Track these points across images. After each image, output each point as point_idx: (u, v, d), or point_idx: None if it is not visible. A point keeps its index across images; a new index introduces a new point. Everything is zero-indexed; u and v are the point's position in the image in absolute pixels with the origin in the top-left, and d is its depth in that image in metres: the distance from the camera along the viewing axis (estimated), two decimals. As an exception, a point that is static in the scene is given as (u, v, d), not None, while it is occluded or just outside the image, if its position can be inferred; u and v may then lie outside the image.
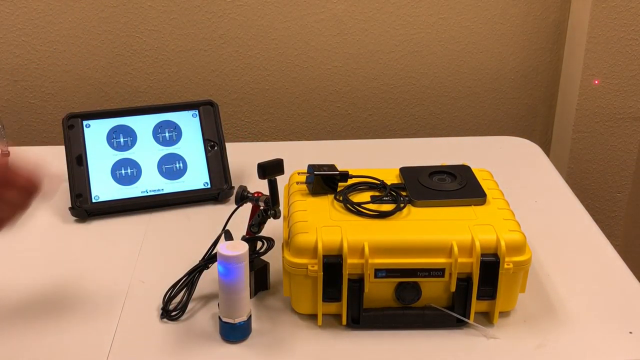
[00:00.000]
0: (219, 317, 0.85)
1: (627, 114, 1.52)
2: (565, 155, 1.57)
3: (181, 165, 1.18)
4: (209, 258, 0.94)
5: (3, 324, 0.89)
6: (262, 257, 0.93)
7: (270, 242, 0.93)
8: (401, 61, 1.56)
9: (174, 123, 1.19)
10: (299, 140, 1.61)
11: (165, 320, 0.90)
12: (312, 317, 0.89)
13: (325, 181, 0.94)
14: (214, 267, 0.87)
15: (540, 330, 0.88)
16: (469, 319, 0.87)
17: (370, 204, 0.90)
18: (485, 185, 0.96)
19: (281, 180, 0.90)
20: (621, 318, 0.90)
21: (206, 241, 0.95)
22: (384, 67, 1.57)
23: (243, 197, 0.93)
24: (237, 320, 0.84)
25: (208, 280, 0.94)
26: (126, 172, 1.16)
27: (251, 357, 0.84)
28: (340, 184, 0.95)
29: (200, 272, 0.94)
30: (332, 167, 0.95)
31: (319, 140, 1.59)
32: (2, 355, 0.84)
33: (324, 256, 0.84)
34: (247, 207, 0.94)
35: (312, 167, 0.95)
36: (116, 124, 1.17)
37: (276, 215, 0.91)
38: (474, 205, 0.92)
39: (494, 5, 1.52)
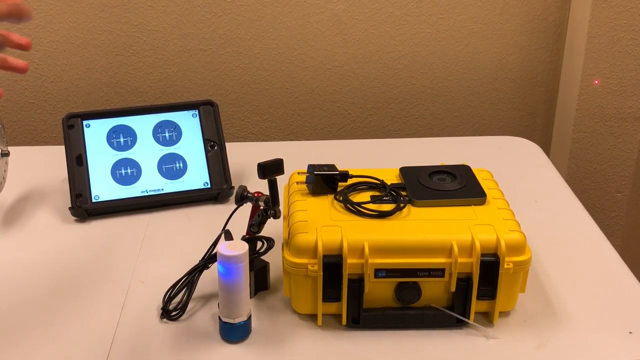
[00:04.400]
0: (219, 317, 0.85)
1: (627, 114, 1.52)
2: (565, 155, 1.57)
3: (181, 165, 1.18)
4: (209, 258, 0.94)
5: (3, 324, 0.89)
6: (262, 257, 0.93)
7: (270, 242, 0.93)
8: (401, 61, 1.56)
9: (174, 123, 1.19)
10: (299, 140, 1.61)
11: (165, 320, 0.90)
12: (312, 317, 0.89)
13: (325, 181, 0.94)
14: (214, 267, 0.87)
15: (540, 330, 0.88)
16: (469, 319, 0.87)
17: (370, 204, 0.90)
18: (485, 185, 0.96)
19: (281, 180, 0.90)
20: (621, 318, 0.90)
21: (206, 241, 0.95)
22: (384, 67, 1.57)
23: (243, 197, 0.93)
24: (237, 320, 0.85)
25: (208, 280, 0.94)
26: (126, 172, 1.16)
27: (251, 357, 0.84)
28: (340, 184, 0.95)
29: (200, 272, 0.94)
30: (332, 167, 0.95)
31: (319, 140, 1.59)
32: (1, 356, 0.84)
33: (324, 256, 0.84)
34: (247, 207, 0.94)
35: (312, 167, 0.95)
36: (116, 124, 1.17)
37: (276, 215, 0.91)
38: (474, 205, 0.92)
39: (494, 5, 1.52)
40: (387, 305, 0.88)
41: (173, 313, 0.90)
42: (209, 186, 1.17)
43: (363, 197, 0.93)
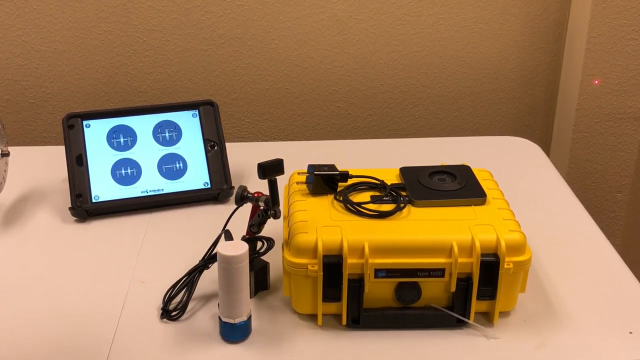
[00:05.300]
0: (219, 317, 0.85)
1: (627, 114, 1.52)
2: (565, 155, 1.57)
3: (181, 165, 1.18)
4: (209, 258, 0.94)
5: (3, 324, 0.90)
6: (262, 257, 0.93)
7: (270, 242, 0.93)
8: (401, 61, 1.56)
9: (174, 123, 1.19)
10: (299, 140, 1.61)
11: (165, 320, 0.90)
12: (312, 317, 0.89)
13: (325, 181, 0.94)
14: (214, 267, 0.88)
15: (540, 330, 0.88)
16: (469, 319, 0.87)
17: (370, 204, 0.90)
18: (485, 185, 0.96)
19: (281, 180, 0.90)
20: (621, 318, 0.90)
21: (206, 241, 0.95)
22: (384, 67, 1.57)
23: (243, 197, 0.93)
24: (237, 320, 0.85)
25: (208, 280, 0.94)
26: (126, 172, 1.16)
27: (251, 357, 0.84)
28: (340, 184, 0.95)
29: (200, 272, 0.94)
30: (332, 167, 0.95)
31: (319, 140, 1.59)
32: (1, 355, 0.85)
33: (324, 256, 0.84)
34: (247, 207, 0.94)
35: (312, 167, 0.95)
36: (116, 124, 1.17)
37: (276, 215, 0.91)
38: (474, 205, 0.92)
39: (494, 5, 1.52)
40: (387, 305, 0.88)
41: (173, 313, 0.90)
42: (209, 186, 1.17)
43: (363, 197, 0.93)
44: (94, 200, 1.13)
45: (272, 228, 0.95)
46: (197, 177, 1.18)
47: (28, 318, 0.91)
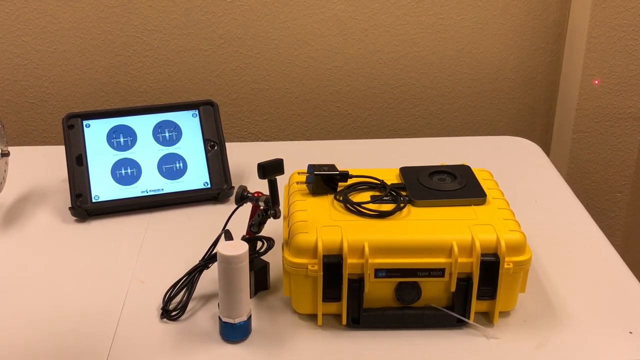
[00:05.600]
0: (219, 317, 0.85)
1: (627, 114, 1.52)
2: (565, 155, 1.57)
3: (181, 165, 1.18)
4: (209, 258, 0.94)
5: (3, 324, 0.90)
6: (262, 257, 0.93)
7: (270, 242, 0.93)
8: (401, 61, 1.56)
9: (174, 123, 1.19)
10: (299, 140, 1.61)
11: (165, 320, 0.90)
12: (312, 317, 0.89)
13: (325, 181, 0.94)
14: (214, 267, 0.88)
15: (540, 330, 0.88)
16: (469, 319, 0.87)
17: (370, 204, 0.90)
18: (485, 185, 0.96)
19: (281, 180, 0.90)
20: (621, 318, 0.90)
21: (206, 241, 0.95)
22: (384, 67, 1.57)
23: (243, 197, 0.93)
24: (237, 320, 0.85)
25: (208, 280, 0.94)
26: (126, 172, 1.16)
27: (251, 357, 0.84)
28: (340, 183, 0.95)
29: (200, 272, 0.94)
30: (332, 167, 0.95)
31: (319, 140, 1.59)
32: (1, 355, 0.84)
33: (324, 256, 0.84)
34: (247, 207, 0.94)
35: (312, 167, 0.95)
36: (116, 124, 1.17)
37: (276, 215, 0.91)
38: (474, 205, 0.92)
39: (494, 5, 1.52)
40: (387, 305, 0.88)
41: (173, 313, 0.90)
42: (209, 186, 1.17)
43: (363, 197, 0.93)
44: (94, 200, 1.13)
45: (272, 228, 0.95)
46: (197, 177, 1.18)
47: (28, 318, 0.91)
